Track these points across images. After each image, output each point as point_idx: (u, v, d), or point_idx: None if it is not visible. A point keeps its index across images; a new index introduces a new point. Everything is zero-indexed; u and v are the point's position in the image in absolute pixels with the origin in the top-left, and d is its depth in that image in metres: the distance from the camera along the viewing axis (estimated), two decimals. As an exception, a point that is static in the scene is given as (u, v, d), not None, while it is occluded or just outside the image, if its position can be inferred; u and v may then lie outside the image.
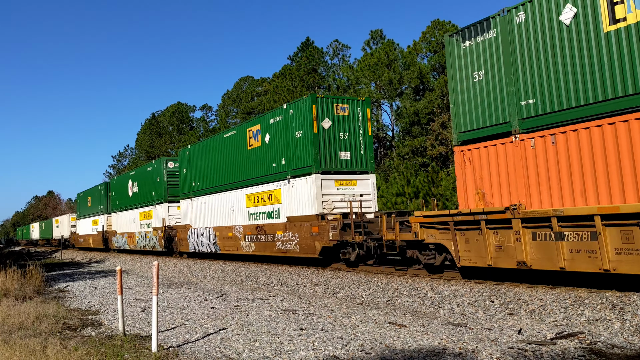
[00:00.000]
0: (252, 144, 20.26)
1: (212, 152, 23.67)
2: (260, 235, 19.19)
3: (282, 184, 18.25)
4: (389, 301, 11.75)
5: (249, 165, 20.52)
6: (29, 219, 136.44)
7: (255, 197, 19.95)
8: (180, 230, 26.60)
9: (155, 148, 73.21)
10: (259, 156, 19.73)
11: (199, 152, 25.29)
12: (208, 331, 9.00)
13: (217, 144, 23.22)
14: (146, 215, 31.88)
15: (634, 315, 8.00)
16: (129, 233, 34.80)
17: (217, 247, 22.54)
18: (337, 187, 16.94)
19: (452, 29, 35.99)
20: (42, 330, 9.39)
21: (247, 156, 20.62)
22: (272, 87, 46.48)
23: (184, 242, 25.99)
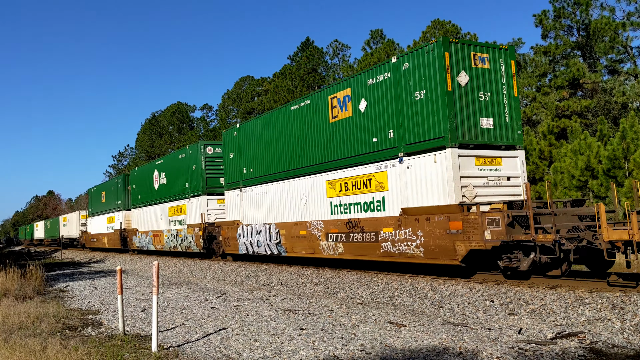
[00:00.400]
0: (338, 115, 15.52)
1: (273, 131, 18.87)
2: (353, 233, 14.64)
3: (388, 164, 13.64)
4: (389, 301, 11.75)
5: (331, 143, 15.74)
6: (29, 218, 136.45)
7: (342, 184, 15.31)
8: (226, 228, 21.89)
9: (155, 148, 73.21)
10: (349, 130, 15.00)
11: (253, 131, 20.33)
12: (208, 331, 9.00)
13: (280, 120, 18.46)
14: (177, 210, 27.19)
15: (634, 315, 7.99)
16: (155, 232, 30.14)
17: (281, 248, 17.94)
18: (477, 167, 12.55)
19: (452, 28, 35.99)
20: (42, 330, 9.39)
21: (328, 132, 15.89)
22: (272, 87, 46.47)
23: (231, 242, 21.38)
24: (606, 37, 27.85)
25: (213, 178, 24.86)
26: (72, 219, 56.68)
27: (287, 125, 17.98)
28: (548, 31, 30.66)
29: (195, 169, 25.31)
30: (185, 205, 26.22)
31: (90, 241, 45.71)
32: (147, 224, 31.64)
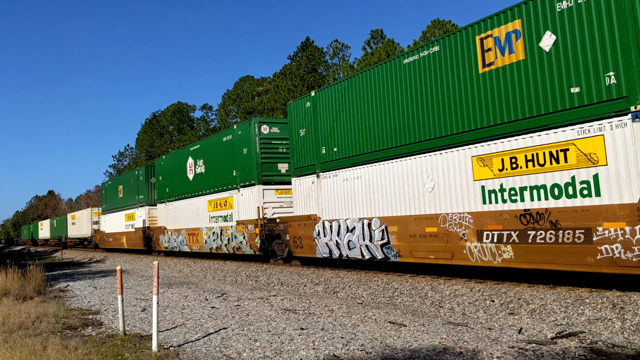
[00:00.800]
0: (495, 61, 10.99)
1: (373, 95, 14.38)
2: (536, 230, 10.18)
3: (605, 125, 9.22)
4: (389, 301, 11.75)
5: (481, 102, 11.33)
6: (30, 218, 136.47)
7: (504, 160, 10.83)
8: (297, 225, 17.37)
9: (155, 148, 73.25)
10: (519, 81, 10.55)
11: (337, 99, 15.80)
12: (208, 331, 9.00)
13: (386, 79, 13.95)
14: (221, 204, 22.67)
15: (634, 315, 7.99)
16: (191, 230, 25.36)
17: (390, 251, 13.65)
18: None
19: (452, 28, 35.97)
20: (43, 330, 9.40)
21: (475, 87, 11.45)
22: (273, 87, 46.48)
23: (305, 243, 16.94)
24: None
25: (270, 164, 20.19)
26: (83, 216, 51.55)
27: (397, 85, 13.57)
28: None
29: (247, 153, 20.55)
30: (233, 197, 21.55)
31: (105, 241, 41.08)
32: (179, 221, 26.95)
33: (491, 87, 11.12)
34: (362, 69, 15.22)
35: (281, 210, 19.94)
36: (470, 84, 11.61)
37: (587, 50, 9.53)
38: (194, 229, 25.04)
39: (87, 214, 49.82)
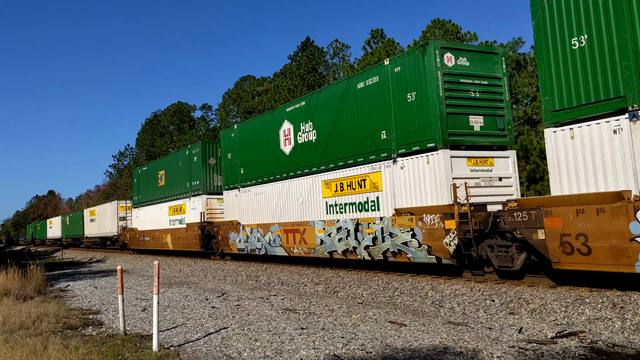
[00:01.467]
0: None
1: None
2: None
3: None
4: (389, 300, 11.75)
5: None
6: (30, 218, 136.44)
7: None
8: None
9: (156, 147, 73.23)
10: None
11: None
12: (209, 330, 9.00)
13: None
14: (354, 184, 15.22)
15: (634, 314, 7.99)
16: (289, 225, 18.18)
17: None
18: None
19: (452, 28, 35.96)
20: (43, 330, 9.40)
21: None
22: (273, 87, 46.48)
23: None
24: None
25: (457, 115, 12.85)
26: (105, 211, 42.71)
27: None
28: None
29: (417, 99, 13.13)
30: (380, 173, 14.27)
31: (137, 241, 33.31)
32: (265, 213, 20.02)
33: None
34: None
35: (480, 191, 12.73)
36: None
37: None
38: (296, 224, 17.82)
39: (111, 209, 41.07)
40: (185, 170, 26.72)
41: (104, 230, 42.71)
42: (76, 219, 55.67)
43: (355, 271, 15.37)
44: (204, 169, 25.24)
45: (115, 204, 40.77)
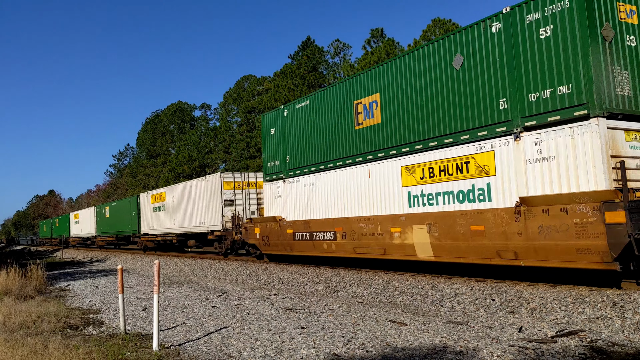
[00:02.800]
0: None
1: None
2: None
3: None
4: (389, 299, 11.76)
5: None
6: (31, 218, 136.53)
7: None
8: None
9: (157, 147, 73.23)
10: None
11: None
12: (209, 330, 9.01)
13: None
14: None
15: (634, 313, 8.00)
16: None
17: None
18: None
19: (452, 27, 35.94)
20: (44, 329, 9.42)
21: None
22: (273, 86, 46.48)
23: None
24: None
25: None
26: (194, 193, 26.35)
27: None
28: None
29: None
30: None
31: (292, 240, 17.79)
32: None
33: None
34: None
35: None
36: None
37: None
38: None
39: (206, 188, 24.98)
40: None
41: (187, 224, 27.06)
42: (121, 210, 38.46)
43: (355, 270, 15.38)
44: None
45: (216, 178, 23.98)
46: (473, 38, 11.70)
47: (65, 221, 60.04)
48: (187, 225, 27.13)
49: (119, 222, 38.87)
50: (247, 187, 24.13)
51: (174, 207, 28.97)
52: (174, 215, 28.81)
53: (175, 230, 28.53)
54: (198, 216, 25.74)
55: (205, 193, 25.02)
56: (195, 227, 26.01)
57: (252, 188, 24.29)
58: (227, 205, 23.58)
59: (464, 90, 11.89)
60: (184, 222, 27.54)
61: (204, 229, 25.02)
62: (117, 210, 39.97)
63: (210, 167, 58.23)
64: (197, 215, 25.80)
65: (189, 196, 27.02)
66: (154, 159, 73.07)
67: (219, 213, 23.55)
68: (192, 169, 58.13)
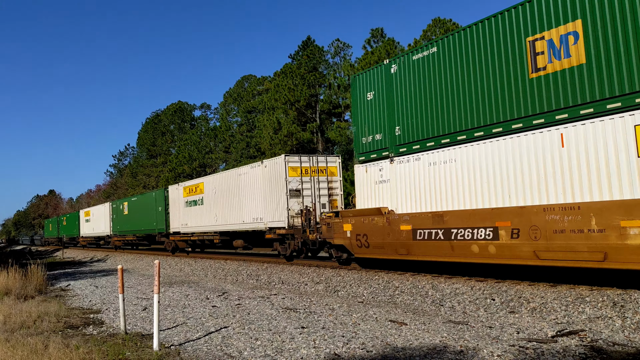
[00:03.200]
0: None
1: None
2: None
3: None
4: (390, 299, 11.76)
5: None
6: (31, 217, 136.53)
7: None
8: None
9: (157, 147, 73.24)
10: None
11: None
12: (209, 330, 9.01)
13: None
14: None
15: (635, 313, 8.00)
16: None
17: None
18: None
19: (452, 27, 35.94)
20: (44, 329, 9.42)
21: None
22: (273, 86, 46.49)
23: None
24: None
25: None
26: (246, 179, 21.75)
27: None
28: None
29: None
30: None
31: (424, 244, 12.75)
32: None
33: None
34: None
35: None
36: None
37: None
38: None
39: (262, 172, 20.44)
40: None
41: (234, 220, 22.35)
42: (145, 205, 32.90)
43: (355, 270, 15.39)
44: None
45: (279, 163, 19.17)
46: None
47: (74, 219, 54.02)
48: (234, 222, 22.44)
49: (141, 220, 33.68)
50: (317, 173, 19.20)
51: (215, 201, 24.09)
52: (216, 211, 24.03)
53: (218, 228, 23.87)
54: (251, 211, 21.03)
55: (262, 182, 20.32)
56: (247, 224, 21.32)
57: (321, 175, 19.41)
58: (293, 196, 18.72)
59: None
60: (229, 218, 22.76)
61: (259, 226, 20.47)
62: (139, 205, 34.42)
63: (211, 167, 58.26)
64: (250, 209, 21.09)
65: (236, 187, 22.25)
66: (154, 159, 73.08)
67: (283, 206, 18.73)
68: (192, 169, 58.16)
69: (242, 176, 21.89)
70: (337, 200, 18.43)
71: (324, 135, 42.10)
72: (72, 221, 55.02)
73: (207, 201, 24.94)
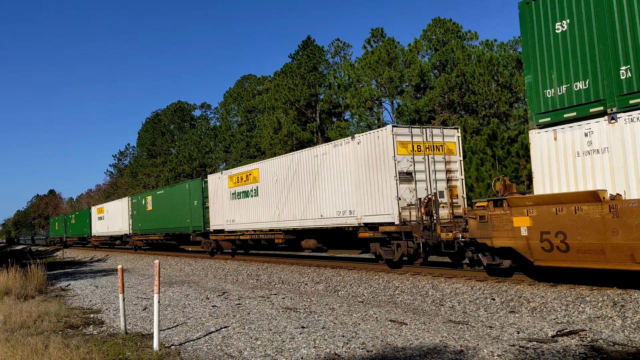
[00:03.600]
0: None
1: None
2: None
3: None
4: (390, 299, 11.76)
5: None
6: (31, 217, 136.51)
7: None
8: None
9: (157, 146, 73.25)
10: None
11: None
12: (209, 329, 9.01)
13: None
14: None
15: (635, 313, 8.00)
16: None
17: None
18: None
19: (452, 27, 35.94)
20: (44, 329, 9.42)
21: None
22: (273, 86, 46.48)
23: None
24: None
25: None
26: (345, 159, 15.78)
27: None
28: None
29: None
30: None
31: None
32: None
33: None
34: None
35: None
36: None
37: None
38: None
39: (366, 148, 15.04)
40: None
41: (306, 215, 17.64)
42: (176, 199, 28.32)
43: (355, 270, 15.38)
44: None
45: (384, 137, 14.46)
46: None
47: (84, 217, 48.34)
48: (306, 218, 17.46)
49: (170, 216, 28.93)
50: (431, 150, 14.62)
51: (277, 191, 19.25)
52: (278, 203, 19.13)
53: (280, 224, 19.01)
54: (335, 202, 16.12)
55: (354, 163, 15.32)
56: (328, 219, 16.40)
57: (437, 153, 14.77)
58: (403, 181, 13.98)
59: None
60: (299, 212, 17.82)
61: (348, 222, 15.54)
62: (166, 200, 29.64)
63: (211, 167, 58.28)
64: (333, 200, 16.18)
65: (311, 172, 17.27)
66: (154, 159, 73.07)
67: (390, 195, 14.00)
68: (193, 169, 58.18)
69: (321, 157, 16.84)
70: (457, 187, 14.62)
71: (324, 135, 42.10)
72: (82, 219, 49.54)
73: (264, 192, 20.13)
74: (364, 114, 38.27)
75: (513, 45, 37.40)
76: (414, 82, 36.35)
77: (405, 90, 37.40)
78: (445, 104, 33.77)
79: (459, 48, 34.20)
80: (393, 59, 37.20)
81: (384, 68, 36.93)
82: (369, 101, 37.86)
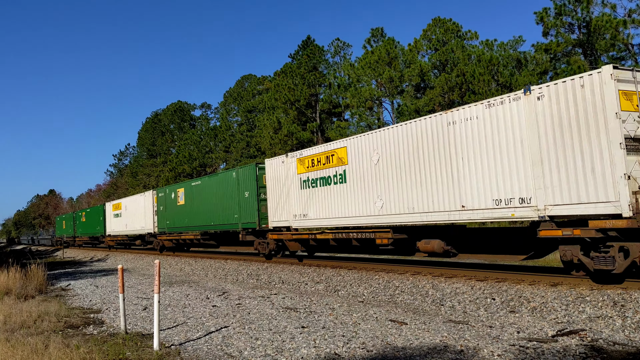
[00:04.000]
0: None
1: None
2: None
3: None
4: (390, 299, 11.76)
5: None
6: (31, 217, 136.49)
7: None
8: None
9: (157, 146, 73.25)
10: None
11: None
12: (210, 329, 9.01)
13: None
14: None
15: (635, 313, 7.99)
16: None
17: None
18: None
19: (452, 26, 35.93)
20: (44, 329, 9.42)
21: None
22: (273, 86, 46.48)
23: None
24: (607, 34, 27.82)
25: None
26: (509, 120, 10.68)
27: None
28: (549, 29, 30.61)
29: None
30: None
31: None
32: None
33: None
34: None
35: None
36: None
37: None
38: None
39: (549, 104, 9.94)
40: None
41: (424, 207, 12.82)
42: (216, 191, 23.55)
43: (356, 270, 15.38)
44: None
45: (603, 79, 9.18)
46: None
47: (97, 214, 42.87)
48: (432, 210, 12.67)
49: (210, 211, 24.02)
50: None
51: (378, 175, 14.42)
52: (377, 191, 14.39)
53: (385, 219, 14.20)
54: (490, 187, 11.22)
55: (530, 126, 10.43)
56: (477, 211, 11.53)
57: None
58: (632, 151, 9.14)
59: None
60: (419, 202, 12.98)
61: (519, 215, 10.66)
62: (206, 192, 24.75)
63: (211, 167, 58.27)
64: (487, 184, 11.29)
65: (443, 145, 12.47)
66: (154, 159, 73.06)
67: (613, 171, 9.09)
68: (193, 169, 58.16)
69: (461, 125, 12.03)
70: None
71: (324, 134, 42.09)
72: (94, 217, 43.87)
73: (355, 176, 15.37)
74: (364, 114, 38.29)
75: (513, 45, 37.38)
76: (414, 81, 36.35)
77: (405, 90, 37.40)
78: (446, 103, 33.75)
79: (459, 48, 34.20)
80: (393, 59, 37.20)
81: (384, 68, 36.93)
82: (369, 101, 37.87)
